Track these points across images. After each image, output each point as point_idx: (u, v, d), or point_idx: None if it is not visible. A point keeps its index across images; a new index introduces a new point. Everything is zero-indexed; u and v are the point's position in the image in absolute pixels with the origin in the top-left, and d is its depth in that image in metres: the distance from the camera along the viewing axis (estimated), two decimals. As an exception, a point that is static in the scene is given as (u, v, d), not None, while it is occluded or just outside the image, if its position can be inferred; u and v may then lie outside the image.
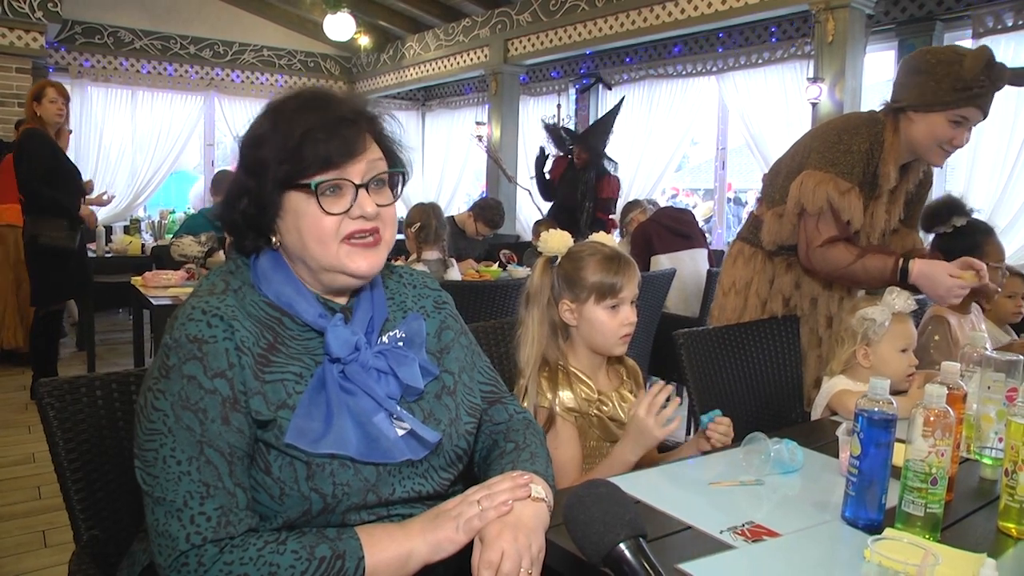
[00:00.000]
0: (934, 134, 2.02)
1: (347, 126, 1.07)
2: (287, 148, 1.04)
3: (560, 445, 1.55)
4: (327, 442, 1.00)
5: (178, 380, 0.99)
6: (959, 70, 1.95)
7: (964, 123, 2.00)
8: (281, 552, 0.94)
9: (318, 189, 1.04)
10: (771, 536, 1.13)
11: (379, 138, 1.13)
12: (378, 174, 1.09)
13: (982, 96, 1.97)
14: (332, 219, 1.05)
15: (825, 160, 2.08)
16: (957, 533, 1.19)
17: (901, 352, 1.87)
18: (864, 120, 2.12)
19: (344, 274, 1.08)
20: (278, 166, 1.05)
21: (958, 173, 4.93)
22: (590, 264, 1.63)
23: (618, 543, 0.86)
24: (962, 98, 1.96)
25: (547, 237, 1.70)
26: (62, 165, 4.23)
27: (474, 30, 7.59)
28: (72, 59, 7.82)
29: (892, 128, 2.08)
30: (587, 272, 1.63)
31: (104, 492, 1.24)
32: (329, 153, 1.05)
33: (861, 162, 2.06)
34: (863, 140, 2.07)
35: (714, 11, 5.39)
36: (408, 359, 1.12)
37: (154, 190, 8.31)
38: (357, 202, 1.06)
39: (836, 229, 2.06)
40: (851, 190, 2.04)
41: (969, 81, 1.94)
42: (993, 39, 4.60)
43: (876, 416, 1.16)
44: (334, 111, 1.07)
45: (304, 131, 1.04)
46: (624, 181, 7.00)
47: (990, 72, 1.94)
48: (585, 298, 1.63)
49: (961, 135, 2.01)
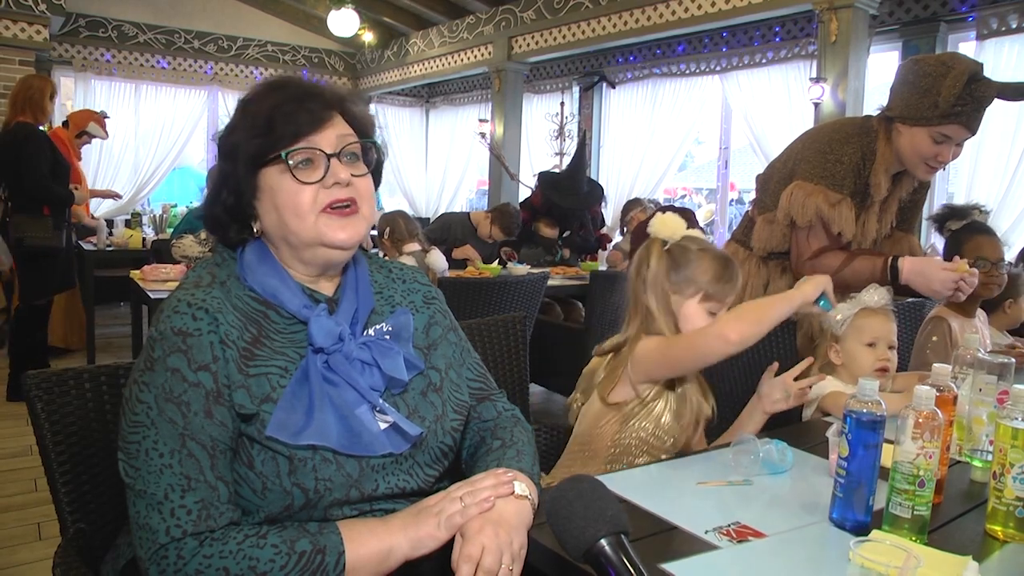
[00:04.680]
0: (917, 149, 1.98)
1: (312, 99, 1.09)
2: (256, 126, 1.07)
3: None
4: (308, 434, 1.00)
5: (162, 372, 0.99)
6: (940, 87, 1.89)
7: (947, 141, 1.95)
8: (261, 546, 0.94)
9: (289, 158, 1.06)
10: (757, 537, 1.13)
11: (347, 116, 1.14)
12: (349, 144, 1.11)
13: (963, 115, 1.91)
14: (308, 189, 1.06)
15: (815, 171, 2.05)
16: (945, 536, 1.18)
17: (867, 346, 1.86)
18: (857, 128, 2.09)
19: (324, 246, 1.09)
20: (249, 142, 1.07)
21: (960, 175, 4.91)
22: (703, 261, 1.60)
23: (599, 539, 0.85)
24: (942, 116, 1.91)
25: (663, 219, 1.64)
26: (60, 162, 4.22)
27: (478, 27, 7.58)
28: (76, 52, 7.82)
29: (884, 137, 2.04)
30: (699, 269, 1.59)
31: (91, 485, 1.25)
32: (297, 125, 1.07)
33: (852, 173, 2.03)
34: (854, 150, 2.03)
35: (718, 10, 5.37)
36: (392, 351, 1.12)
37: (157, 184, 8.32)
38: (330, 171, 1.08)
39: (826, 240, 2.04)
40: (842, 201, 2.01)
41: (948, 100, 1.88)
42: (997, 41, 4.59)
43: (864, 417, 1.15)
44: (299, 88, 1.11)
45: (271, 107, 1.07)
46: (626, 180, 7.02)
47: (972, 90, 1.87)
48: (691, 293, 1.60)
49: (945, 152, 1.96)
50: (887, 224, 2.14)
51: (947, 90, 1.87)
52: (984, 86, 1.88)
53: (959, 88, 1.86)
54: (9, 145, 4.07)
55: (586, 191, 5.37)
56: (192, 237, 3.97)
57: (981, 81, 1.88)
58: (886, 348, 1.86)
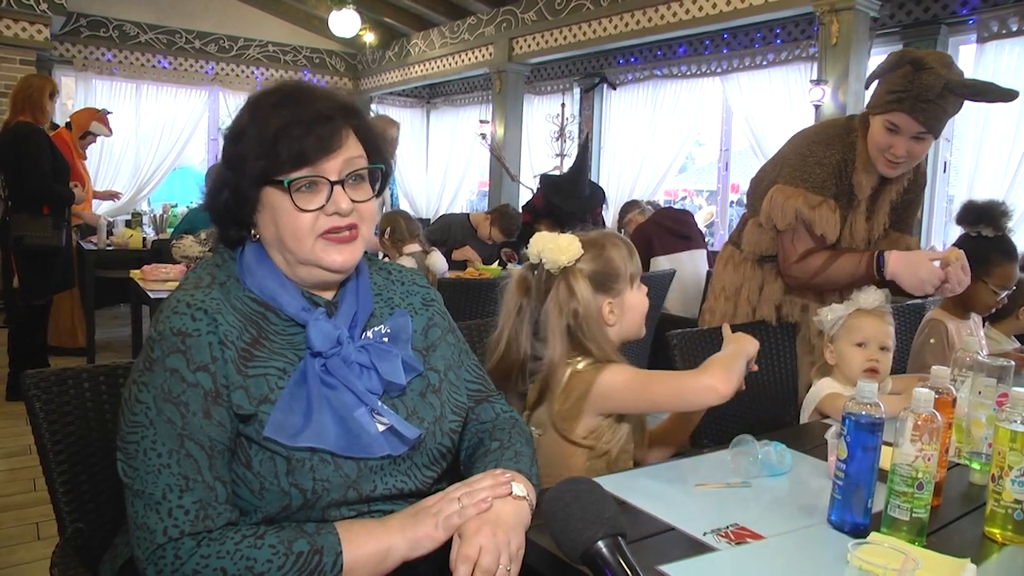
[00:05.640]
0: (874, 140, 1.97)
1: (323, 123, 1.06)
2: (263, 144, 1.04)
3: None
4: (306, 436, 1.00)
5: (161, 373, 0.99)
6: (890, 76, 1.90)
7: (898, 131, 1.92)
8: (259, 546, 0.94)
9: (291, 186, 1.04)
10: (755, 539, 1.13)
11: (360, 133, 1.12)
12: (355, 170, 1.09)
13: (905, 102, 1.87)
14: (307, 216, 1.05)
15: (795, 174, 2.05)
16: (943, 538, 1.18)
17: (856, 346, 1.86)
18: (839, 129, 2.08)
19: (320, 268, 1.08)
20: (254, 161, 1.05)
21: (961, 176, 4.90)
22: (616, 253, 1.55)
23: (596, 540, 0.86)
24: (889, 102, 1.90)
25: (555, 248, 1.51)
26: (60, 161, 4.22)
27: (479, 28, 7.58)
28: (77, 52, 7.82)
29: (863, 135, 2.03)
30: (617, 261, 1.55)
31: (89, 485, 1.24)
32: (304, 150, 1.04)
33: (834, 175, 2.02)
34: (835, 152, 2.02)
35: (719, 12, 5.38)
36: (390, 355, 1.11)
37: (157, 184, 8.32)
38: (332, 199, 1.06)
39: (811, 243, 2.03)
40: (823, 203, 2.00)
41: (890, 86, 1.89)
42: (997, 44, 4.59)
43: (863, 419, 1.15)
44: (311, 107, 1.06)
45: (279, 127, 1.04)
46: (627, 182, 7.01)
47: (914, 78, 1.86)
48: (622, 288, 1.56)
49: (899, 144, 1.93)
50: (879, 224, 2.12)
51: (893, 77, 1.90)
52: (927, 75, 1.85)
53: (900, 74, 1.87)
54: (9, 144, 4.07)
55: (588, 194, 5.37)
56: (192, 237, 3.97)
57: (924, 69, 1.85)
58: (877, 349, 1.85)
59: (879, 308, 1.87)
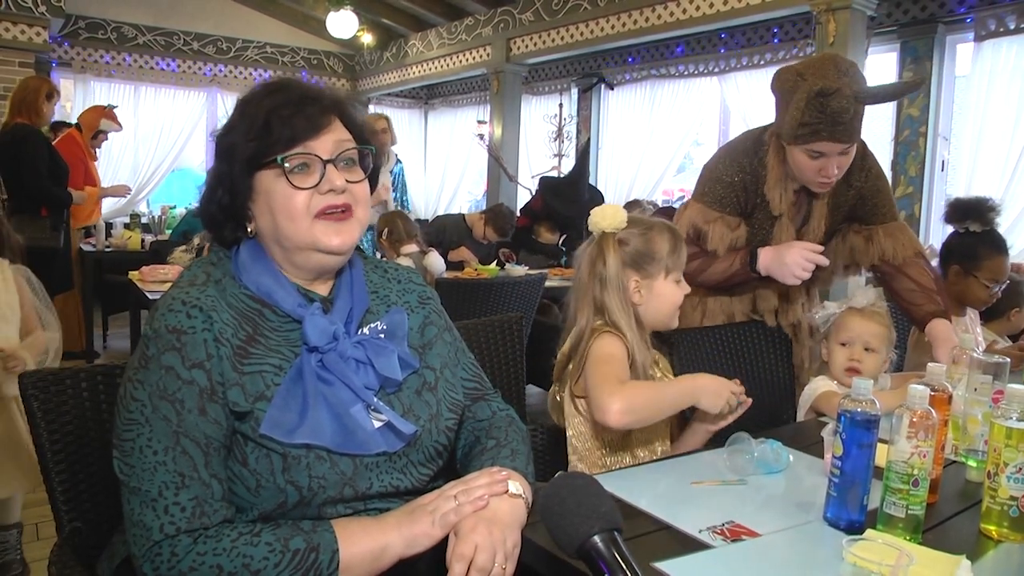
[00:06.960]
0: (799, 168, 1.90)
1: (311, 104, 1.09)
2: (254, 128, 1.07)
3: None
4: (302, 432, 1.00)
5: (156, 370, 0.99)
6: (791, 104, 1.79)
7: (823, 156, 1.83)
8: (255, 544, 0.94)
9: (285, 163, 1.06)
10: (750, 536, 1.13)
11: (346, 120, 1.14)
12: (346, 151, 1.11)
13: (822, 131, 1.77)
14: (302, 194, 1.07)
15: (700, 189, 2.07)
16: (939, 535, 1.18)
17: (841, 345, 1.87)
18: (751, 144, 2.03)
19: (317, 251, 1.09)
20: (246, 144, 1.07)
21: (959, 174, 4.90)
22: (657, 238, 1.59)
23: (592, 535, 0.86)
24: (806, 134, 1.80)
25: (602, 212, 1.60)
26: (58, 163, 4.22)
27: (477, 29, 7.58)
28: (75, 54, 7.82)
29: (775, 151, 1.96)
30: (659, 246, 1.58)
31: (87, 484, 1.25)
32: (294, 129, 1.06)
33: (734, 191, 2.01)
34: (737, 170, 2.00)
35: (716, 11, 5.38)
36: (387, 350, 1.12)
37: (156, 185, 8.31)
38: (326, 177, 1.08)
39: (697, 250, 2.02)
40: (718, 220, 2.01)
41: (796, 119, 1.78)
42: (995, 42, 4.59)
43: (858, 416, 1.15)
44: (298, 92, 1.10)
45: (270, 109, 1.07)
46: (625, 182, 7.01)
47: (822, 105, 1.74)
48: (656, 273, 1.59)
49: (828, 166, 1.84)
50: (817, 230, 2.04)
51: (795, 109, 1.78)
52: (835, 100, 1.74)
53: (804, 105, 1.76)
54: (7, 145, 4.09)
55: (587, 199, 5.38)
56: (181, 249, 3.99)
57: (831, 95, 1.73)
58: (860, 350, 1.85)
59: (871, 308, 1.87)
